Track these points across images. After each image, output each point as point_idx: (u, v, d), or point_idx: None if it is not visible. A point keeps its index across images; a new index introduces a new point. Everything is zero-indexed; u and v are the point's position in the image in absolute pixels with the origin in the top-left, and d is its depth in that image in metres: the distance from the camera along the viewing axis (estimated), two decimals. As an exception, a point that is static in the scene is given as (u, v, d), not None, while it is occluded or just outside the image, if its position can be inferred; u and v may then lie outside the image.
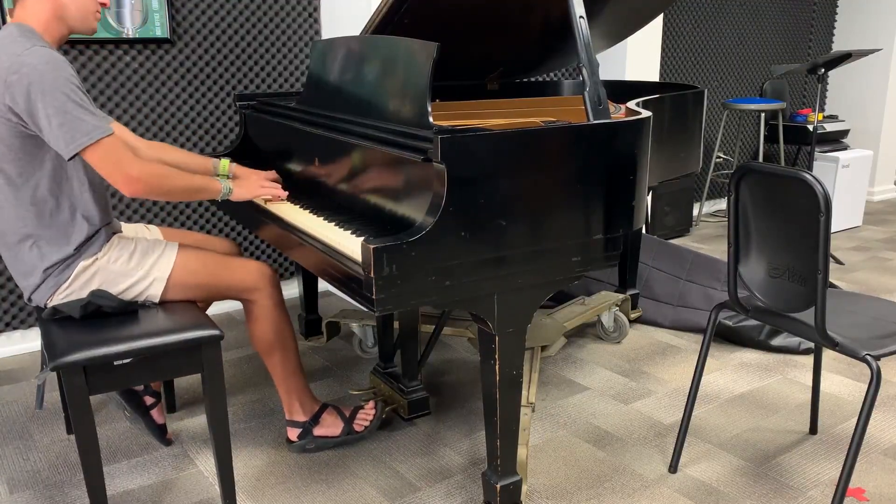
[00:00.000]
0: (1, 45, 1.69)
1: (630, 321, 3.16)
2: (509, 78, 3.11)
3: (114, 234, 1.90)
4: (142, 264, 1.87)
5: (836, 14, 5.62)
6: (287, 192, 2.13)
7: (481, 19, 2.44)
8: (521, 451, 1.97)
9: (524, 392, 2.26)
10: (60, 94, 1.64)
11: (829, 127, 5.15)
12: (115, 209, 3.06)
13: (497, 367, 1.74)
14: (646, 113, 1.92)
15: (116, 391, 2.12)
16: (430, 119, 1.70)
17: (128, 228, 2.07)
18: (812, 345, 2.80)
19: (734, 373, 2.72)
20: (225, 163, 2.20)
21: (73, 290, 1.81)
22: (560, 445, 2.24)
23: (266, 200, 2.14)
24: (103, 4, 1.84)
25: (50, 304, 1.83)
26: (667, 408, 2.47)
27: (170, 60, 3.06)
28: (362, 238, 1.66)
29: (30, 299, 1.85)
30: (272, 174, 2.21)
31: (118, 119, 3.00)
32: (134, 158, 1.73)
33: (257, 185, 2.08)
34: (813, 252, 1.66)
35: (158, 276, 1.88)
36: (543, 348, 2.80)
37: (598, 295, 3.05)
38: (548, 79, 4.02)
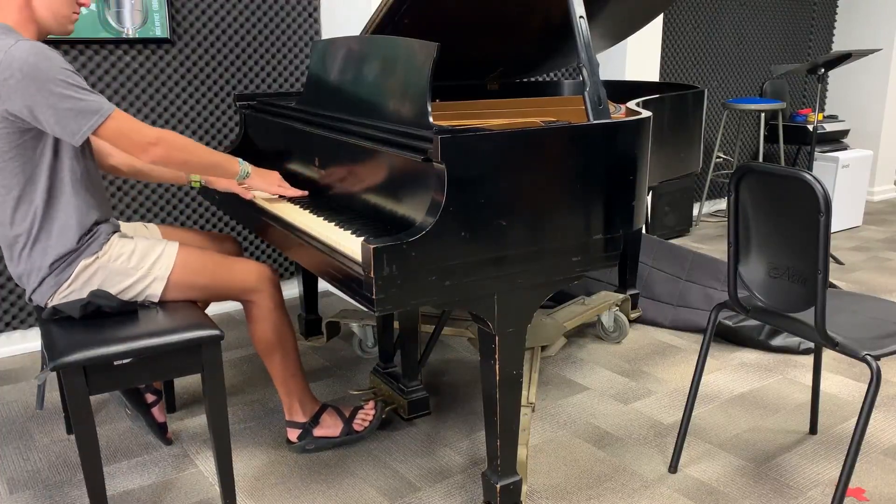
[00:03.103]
0: None
1: (630, 321, 3.16)
2: (509, 78, 3.11)
3: (114, 232, 1.90)
4: (142, 263, 1.87)
5: (836, 14, 5.62)
6: (305, 193, 2.14)
7: (481, 19, 2.44)
8: (521, 451, 1.97)
9: (524, 392, 2.26)
10: (59, 81, 1.64)
11: (829, 127, 5.15)
12: (114, 209, 3.06)
13: (497, 367, 1.74)
14: (646, 113, 1.92)
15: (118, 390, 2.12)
16: (430, 119, 1.69)
17: (126, 227, 2.07)
18: (812, 345, 2.80)
19: (734, 373, 2.72)
20: (196, 178, 2.21)
21: (73, 288, 1.81)
22: (560, 445, 2.24)
23: (266, 200, 2.14)
24: (82, 4, 1.83)
25: (50, 304, 1.83)
26: (667, 408, 2.47)
27: (170, 60, 3.06)
28: (362, 238, 1.66)
29: (30, 299, 1.85)
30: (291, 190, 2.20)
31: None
32: (146, 125, 1.75)
33: (275, 184, 2.10)
34: (813, 252, 1.66)
35: (159, 275, 1.88)
36: (543, 348, 2.80)
37: (598, 295, 3.05)
38: (548, 79, 4.02)
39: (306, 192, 2.13)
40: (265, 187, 2.09)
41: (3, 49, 1.64)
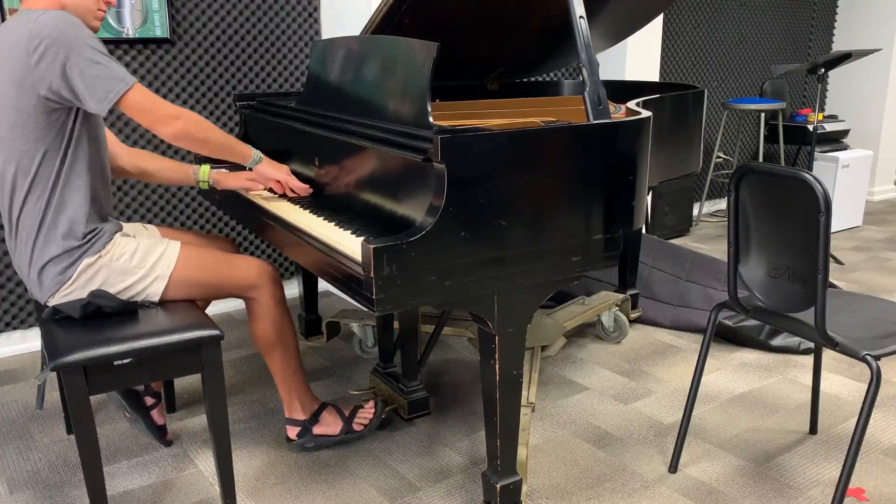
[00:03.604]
0: (14, 24, 1.71)
1: (630, 321, 3.16)
2: (509, 78, 3.11)
3: (117, 231, 1.90)
4: (144, 262, 1.87)
5: (836, 14, 5.62)
6: (310, 190, 2.15)
7: (481, 19, 2.44)
8: (521, 451, 1.97)
9: (524, 392, 2.26)
10: (87, 47, 1.68)
11: (829, 127, 5.15)
12: (115, 209, 3.06)
13: (497, 367, 1.74)
14: (646, 113, 1.92)
15: (117, 391, 2.12)
16: (430, 119, 1.69)
17: (126, 228, 2.07)
18: (812, 345, 2.80)
19: (734, 373, 2.72)
20: (205, 168, 2.21)
21: (75, 287, 1.81)
22: (560, 445, 2.24)
23: (266, 199, 2.14)
24: (109, 3, 1.86)
25: (52, 303, 1.83)
26: (667, 408, 2.47)
27: (170, 60, 3.06)
28: (362, 238, 1.66)
29: (30, 291, 1.86)
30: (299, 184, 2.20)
31: (118, 118, 3.00)
32: (169, 104, 1.79)
33: (285, 172, 2.12)
34: (813, 252, 1.66)
35: (160, 273, 1.88)
36: (543, 348, 2.80)
37: (598, 295, 3.05)
38: (548, 79, 4.02)
39: (310, 189, 2.13)
40: (274, 174, 2.10)
41: (32, 19, 1.67)
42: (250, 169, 2.10)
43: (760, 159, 5.00)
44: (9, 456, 2.22)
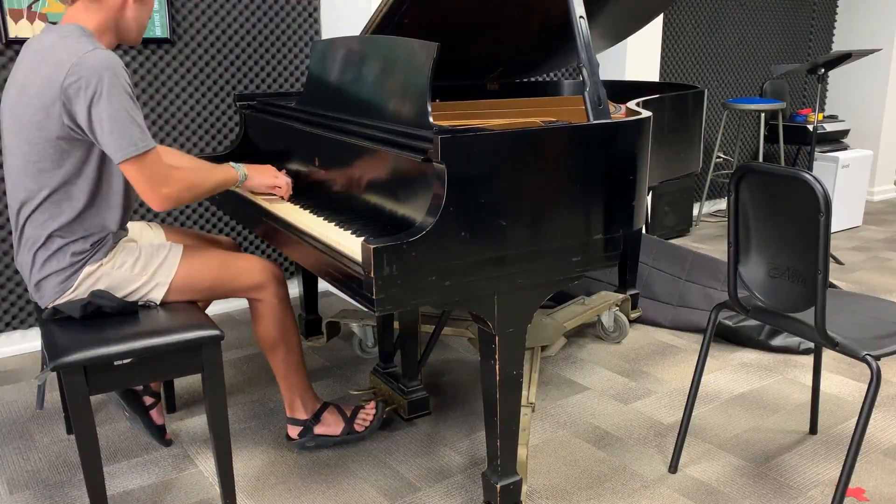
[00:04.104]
0: (63, 43, 1.68)
1: (630, 321, 3.16)
2: (509, 78, 3.11)
3: (120, 238, 1.89)
4: (146, 270, 1.87)
5: (836, 14, 5.62)
6: (290, 194, 2.16)
7: (481, 19, 2.44)
8: (521, 451, 1.97)
9: (524, 392, 2.26)
10: (116, 100, 1.65)
11: (829, 127, 5.15)
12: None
13: (497, 367, 1.74)
14: (646, 113, 1.92)
15: (116, 391, 2.12)
16: (430, 119, 1.69)
17: (131, 227, 2.07)
18: (812, 345, 2.80)
19: (734, 373, 2.72)
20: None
21: (76, 295, 1.82)
22: (560, 445, 2.24)
23: (266, 199, 2.14)
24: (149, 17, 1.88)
25: (51, 306, 1.83)
26: (667, 408, 2.47)
27: (170, 60, 3.06)
28: (362, 238, 1.66)
29: (32, 297, 1.86)
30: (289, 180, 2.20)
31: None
32: (168, 177, 1.75)
33: (271, 176, 2.12)
34: (813, 252, 1.66)
35: (161, 280, 1.88)
36: (543, 348, 2.80)
37: (598, 295, 3.05)
38: (548, 79, 4.02)
39: (289, 194, 2.14)
40: (263, 184, 2.10)
41: (78, 53, 1.65)
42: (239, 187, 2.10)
43: (760, 159, 5.00)
44: (9, 456, 2.22)
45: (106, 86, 1.64)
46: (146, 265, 1.87)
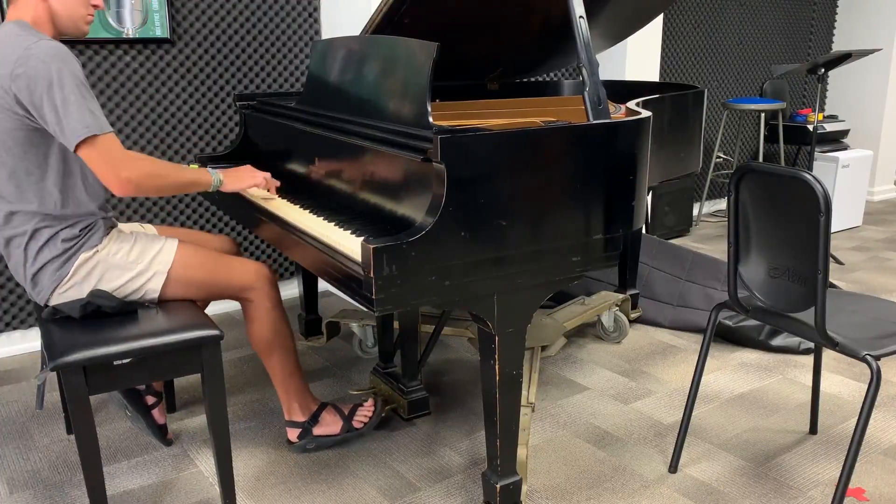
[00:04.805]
0: (6, 39, 1.71)
1: (630, 321, 3.16)
2: (509, 78, 3.11)
3: (112, 227, 1.90)
4: (142, 258, 1.87)
5: (836, 14, 5.62)
6: (279, 182, 2.12)
7: (481, 19, 2.44)
8: (521, 451, 1.97)
9: (524, 392, 2.26)
10: (67, 86, 1.67)
11: (829, 127, 5.15)
12: (114, 209, 3.06)
13: (497, 367, 1.74)
14: (646, 113, 1.92)
15: (118, 391, 2.12)
16: (430, 119, 1.69)
17: (124, 228, 2.07)
18: (812, 345, 2.80)
19: (734, 373, 2.72)
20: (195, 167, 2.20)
21: (73, 283, 1.82)
22: (560, 445, 2.24)
23: (265, 199, 2.14)
24: (96, 6, 1.86)
25: (51, 302, 1.83)
26: (667, 408, 2.47)
27: (170, 60, 3.06)
28: (362, 238, 1.66)
29: (31, 296, 1.86)
30: (265, 174, 2.18)
31: (118, 119, 3.00)
32: (128, 160, 1.75)
33: (248, 176, 2.06)
34: (813, 252, 1.66)
35: (159, 269, 1.88)
36: (543, 348, 2.80)
37: (598, 295, 3.05)
38: (548, 79, 4.02)
39: (278, 183, 2.12)
40: (240, 187, 2.05)
41: (24, 46, 1.67)
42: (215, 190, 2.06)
43: (760, 159, 5.00)
44: (9, 456, 2.22)
45: (55, 74, 1.65)
46: (142, 253, 1.87)
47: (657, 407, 2.47)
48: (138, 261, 1.87)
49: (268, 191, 2.12)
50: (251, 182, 2.07)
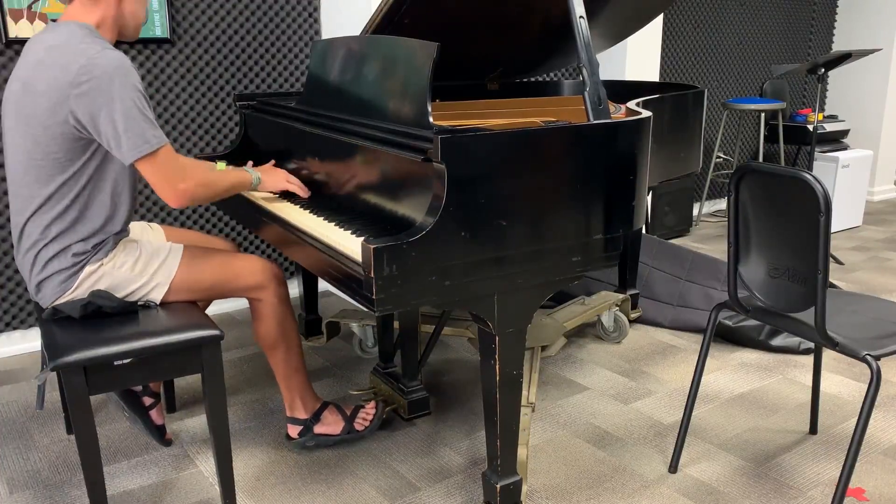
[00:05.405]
0: (68, 43, 1.68)
1: (630, 321, 3.16)
2: (509, 78, 3.11)
3: (121, 239, 1.89)
4: (146, 270, 1.87)
5: (836, 14, 5.62)
6: (310, 192, 2.15)
7: (481, 19, 2.44)
8: (521, 451, 1.97)
9: (524, 392, 2.26)
10: (129, 100, 1.65)
11: (829, 127, 5.15)
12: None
13: (497, 367, 1.74)
14: (646, 113, 1.92)
15: (115, 391, 2.12)
16: (430, 119, 1.69)
17: (132, 228, 2.07)
18: (812, 345, 2.80)
19: (734, 373, 2.72)
20: (221, 165, 2.21)
21: (77, 294, 1.82)
22: (560, 445, 2.24)
23: (266, 199, 2.14)
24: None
25: (51, 306, 1.83)
26: (667, 408, 2.47)
27: (170, 60, 3.06)
28: (362, 238, 1.66)
29: (32, 295, 1.86)
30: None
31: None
32: (184, 171, 1.76)
33: (283, 179, 2.13)
34: (813, 252, 1.66)
35: (161, 280, 1.88)
36: (543, 348, 2.80)
37: (598, 295, 3.05)
38: (548, 79, 4.02)
39: (308, 192, 2.14)
40: (276, 188, 2.12)
41: (88, 55, 1.65)
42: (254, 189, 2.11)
43: (760, 159, 5.00)
44: (9, 456, 2.22)
45: (117, 88, 1.64)
46: (146, 265, 1.87)
47: (657, 407, 2.47)
48: (142, 273, 1.86)
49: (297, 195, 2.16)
50: (286, 185, 2.12)
